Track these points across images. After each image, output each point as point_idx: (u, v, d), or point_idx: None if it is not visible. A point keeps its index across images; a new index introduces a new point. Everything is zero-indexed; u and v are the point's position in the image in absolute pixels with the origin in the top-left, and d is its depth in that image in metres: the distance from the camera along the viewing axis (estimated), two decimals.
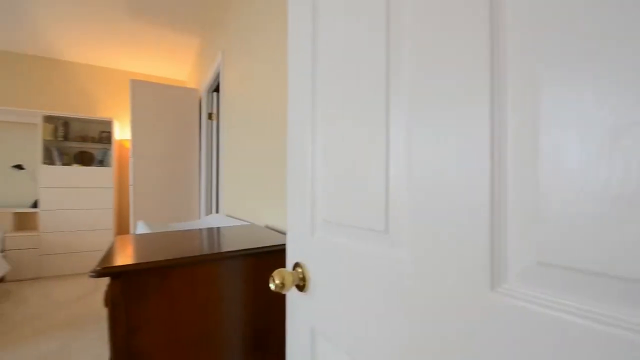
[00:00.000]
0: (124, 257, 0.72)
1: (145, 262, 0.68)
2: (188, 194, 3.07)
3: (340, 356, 0.51)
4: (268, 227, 1.35)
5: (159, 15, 2.73)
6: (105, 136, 3.69)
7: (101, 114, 3.83)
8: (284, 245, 0.94)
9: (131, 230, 2.87)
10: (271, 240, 0.98)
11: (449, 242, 0.31)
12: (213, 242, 0.95)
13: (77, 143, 3.57)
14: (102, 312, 2.41)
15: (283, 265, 0.94)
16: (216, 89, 2.92)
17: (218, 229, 1.22)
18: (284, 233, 1.17)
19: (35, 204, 3.38)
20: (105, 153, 3.67)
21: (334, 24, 0.52)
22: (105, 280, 3.15)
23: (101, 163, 3.66)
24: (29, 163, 3.50)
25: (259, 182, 1.54)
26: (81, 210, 3.41)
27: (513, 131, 0.27)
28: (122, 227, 3.95)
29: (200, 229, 1.20)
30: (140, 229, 1.57)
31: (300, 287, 0.59)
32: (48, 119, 3.37)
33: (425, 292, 0.34)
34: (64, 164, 3.43)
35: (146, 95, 2.88)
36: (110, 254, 0.76)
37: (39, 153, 3.28)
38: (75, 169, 3.40)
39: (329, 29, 0.53)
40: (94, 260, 3.48)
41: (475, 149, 0.29)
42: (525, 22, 0.26)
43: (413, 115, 0.36)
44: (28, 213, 3.48)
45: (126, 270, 0.66)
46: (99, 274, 0.62)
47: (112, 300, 0.64)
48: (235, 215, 1.97)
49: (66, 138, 3.50)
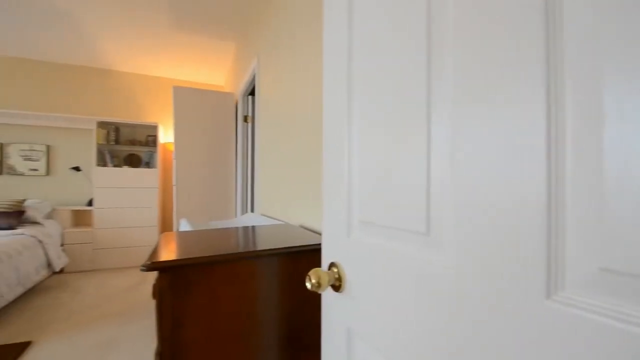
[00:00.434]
0: (171, 253, 0.77)
1: (190, 258, 0.72)
2: (225, 193, 3.20)
3: (377, 359, 0.51)
4: (302, 227, 1.37)
5: (198, 24, 2.88)
6: (151, 140, 3.97)
7: (147, 119, 4.12)
8: (319, 245, 0.94)
9: (174, 228, 3.05)
10: (306, 240, 0.99)
11: (499, 246, 0.30)
12: (251, 241, 0.98)
13: (127, 146, 3.88)
14: (148, 304, 2.59)
15: (317, 264, 0.95)
16: (251, 93, 3.01)
17: (254, 227, 1.26)
18: (318, 233, 1.18)
19: (90, 203, 3.71)
20: (151, 155, 3.94)
21: (370, 22, 0.51)
22: (151, 274, 3.38)
23: (147, 165, 3.94)
24: (85, 165, 3.86)
25: (293, 183, 1.56)
26: (130, 209, 3.68)
27: (572, 127, 0.25)
28: (166, 225, 4.21)
29: (237, 228, 1.24)
30: (184, 226, 1.66)
31: (336, 288, 0.59)
32: (101, 124, 3.69)
33: (468, 298, 0.33)
34: (115, 166, 3.73)
35: (187, 100, 3.05)
36: (158, 249, 0.82)
37: (93, 156, 3.61)
38: (125, 170, 3.68)
39: (365, 28, 0.53)
40: (141, 255, 3.74)
41: (529, 147, 0.27)
42: (584, 9, 0.24)
43: (457, 112, 0.34)
44: (84, 211, 3.83)
45: (173, 265, 0.70)
46: (149, 268, 0.67)
47: (160, 293, 0.69)
48: (270, 214, 2.02)
49: (117, 142, 3.81)
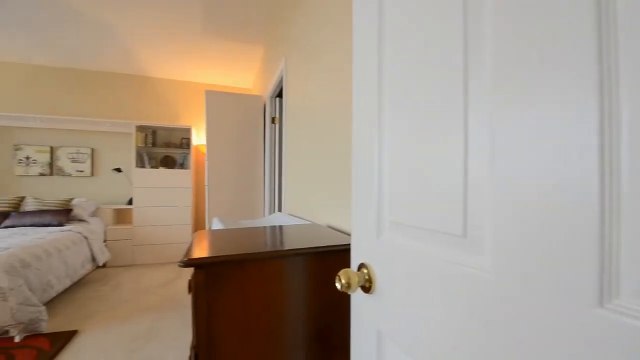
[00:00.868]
0: (205, 250, 0.80)
1: (223, 256, 0.75)
2: (253, 193, 3.28)
3: None
4: (329, 227, 1.37)
5: (228, 30, 2.98)
6: (185, 142, 4.17)
7: (181, 123, 4.33)
8: (347, 245, 0.94)
9: (206, 226, 3.17)
10: (333, 240, 0.99)
11: (545, 251, 0.28)
12: (280, 240, 1.00)
13: (163, 149, 4.09)
14: (182, 298, 2.71)
15: (346, 265, 0.94)
16: (279, 95, 3.06)
17: (283, 227, 1.28)
18: (345, 233, 1.18)
19: (130, 202, 3.96)
20: (185, 157, 4.13)
21: (402, 18, 0.51)
22: (184, 270, 3.54)
23: (182, 166, 4.14)
24: (125, 166, 4.12)
25: (321, 183, 1.57)
26: (165, 208, 3.88)
27: (628, 121, 0.23)
28: (198, 223, 4.39)
29: (267, 227, 1.27)
30: (216, 224, 1.73)
31: (366, 289, 0.59)
32: (140, 128, 3.92)
33: (509, 304, 0.32)
34: (152, 167, 3.96)
35: (218, 103, 3.16)
36: (193, 246, 0.86)
37: (132, 158, 3.85)
38: (161, 171, 3.89)
39: (397, 24, 0.52)
40: (175, 252, 3.93)
41: (580, 145, 0.26)
42: None
43: (497, 110, 0.33)
44: (124, 209, 4.09)
45: (207, 262, 0.73)
46: (185, 264, 0.70)
47: (196, 288, 0.72)
48: (297, 214, 2.05)
49: (154, 144, 4.03)
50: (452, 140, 0.39)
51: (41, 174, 3.82)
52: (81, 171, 3.96)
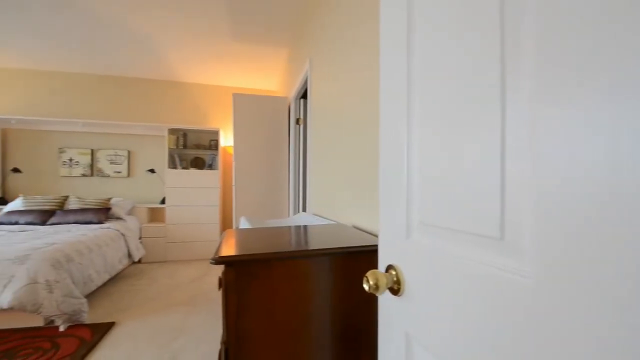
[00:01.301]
0: (235, 249, 0.83)
1: (253, 254, 0.77)
2: (278, 193, 3.33)
3: None
4: (355, 227, 1.36)
5: (254, 33, 3.05)
6: (213, 144, 4.32)
7: (210, 125, 4.48)
8: (373, 246, 0.93)
9: (233, 225, 3.26)
10: (359, 241, 0.99)
11: (598, 258, 0.26)
12: (307, 240, 1.01)
13: (193, 150, 4.27)
14: (212, 294, 2.80)
15: (373, 266, 0.93)
16: (303, 96, 3.09)
17: (309, 227, 1.29)
18: (371, 234, 1.17)
19: (163, 201, 4.15)
20: (214, 158, 4.27)
21: (432, 11, 0.49)
22: (213, 267, 3.66)
23: (210, 167, 4.29)
24: (158, 167, 4.33)
25: (346, 183, 1.57)
26: (195, 207, 4.04)
27: None
28: (226, 222, 4.53)
29: (293, 227, 1.29)
30: (243, 224, 1.77)
31: (395, 291, 0.58)
32: (172, 131, 4.11)
33: (551, 311, 0.30)
34: (183, 168, 4.13)
35: (245, 106, 3.24)
36: (223, 245, 0.88)
37: (165, 159, 4.04)
38: (191, 172, 4.05)
39: (427, 18, 0.51)
40: (205, 249, 4.08)
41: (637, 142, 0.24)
42: None
43: (540, 103, 0.31)
44: (158, 208, 4.30)
45: (237, 260, 0.75)
46: (217, 261, 0.73)
47: (226, 285, 0.75)
48: (322, 214, 2.05)
49: (185, 146, 4.21)
50: (488, 137, 0.38)
51: (83, 175, 4.11)
52: (119, 172, 4.21)
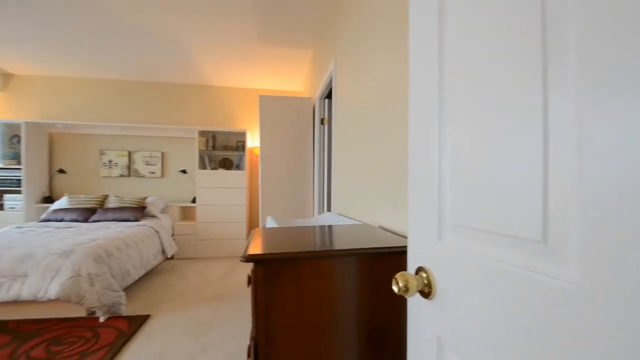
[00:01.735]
0: (264, 247, 0.84)
1: (281, 253, 0.78)
2: (303, 193, 3.36)
3: None
4: (381, 228, 1.34)
5: (280, 35, 3.09)
6: (240, 145, 4.44)
7: (237, 127, 4.61)
8: (401, 247, 0.92)
9: (259, 224, 3.33)
10: (386, 242, 0.97)
11: None
12: (333, 240, 1.01)
13: (221, 151, 4.41)
14: (240, 290, 2.88)
15: (401, 267, 0.92)
16: (328, 96, 3.09)
17: (335, 227, 1.29)
18: (399, 235, 1.15)
19: (194, 200, 4.32)
20: (241, 159, 4.39)
21: (465, 2, 0.47)
22: (240, 264, 3.76)
23: (237, 167, 4.41)
24: (189, 168, 4.51)
25: (372, 183, 1.55)
26: (223, 206, 4.17)
27: None
28: (252, 221, 4.64)
29: (319, 226, 1.29)
30: (270, 223, 1.80)
31: (425, 294, 0.57)
32: (202, 133, 4.27)
33: (598, 321, 0.28)
34: (212, 169, 4.28)
35: (271, 107, 3.30)
36: (251, 243, 0.90)
37: (195, 160, 4.21)
38: (220, 172, 4.19)
39: (460, 10, 0.49)
40: (232, 247, 4.20)
41: None
42: None
43: (588, 99, 0.29)
44: (189, 207, 4.48)
45: (266, 258, 0.77)
46: (247, 259, 0.75)
47: (255, 283, 0.77)
48: (346, 214, 2.04)
49: (214, 148, 4.36)
50: (529, 136, 0.36)
51: (121, 175, 4.37)
52: (153, 172, 4.44)
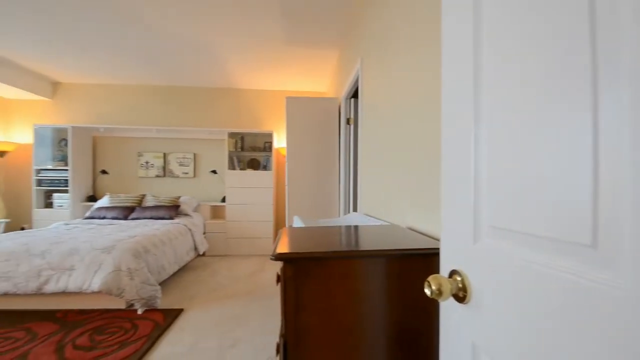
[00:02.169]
0: (293, 246, 0.86)
1: (310, 252, 0.79)
2: (329, 192, 3.37)
3: None
4: (410, 229, 1.32)
5: (307, 36, 3.12)
6: (267, 146, 4.54)
7: (264, 128, 4.71)
8: (432, 249, 0.89)
9: (286, 223, 3.38)
10: (416, 243, 0.95)
11: None
12: (362, 240, 1.00)
13: (249, 152, 4.53)
14: (267, 288, 2.94)
15: (432, 270, 0.89)
16: (354, 95, 3.08)
17: (363, 227, 1.28)
18: (429, 236, 1.12)
19: (223, 199, 4.47)
20: (268, 159, 4.48)
21: None
22: (267, 262, 3.84)
23: (264, 167, 4.50)
24: (219, 169, 4.67)
25: (400, 182, 1.52)
26: (251, 205, 4.28)
27: None
28: (279, 220, 4.72)
29: (347, 226, 1.29)
30: (297, 222, 1.82)
31: (460, 298, 0.55)
32: (231, 134, 4.40)
33: None
34: (241, 169, 4.40)
35: (297, 108, 3.34)
36: (280, 242, 0.92)
37: (225, 161, 4.35)
38: (248, 172, 4.31)
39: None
40: (260, 245, 4.29)
41: None
42: None
43: None
44: (219, 206, 4.64)
45: (296, 257, 0.78)
46: (276, 258, 0.76)
47: (285, 281, 0.78)
48: (373, 214, 2.02)
49: (242, 149, 4.49)
50: (579, 133, 0.33)
51: (157, 176, 4.61)
52: (186, 173, 4.64)
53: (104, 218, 3.84)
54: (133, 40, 3.24)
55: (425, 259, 0.89)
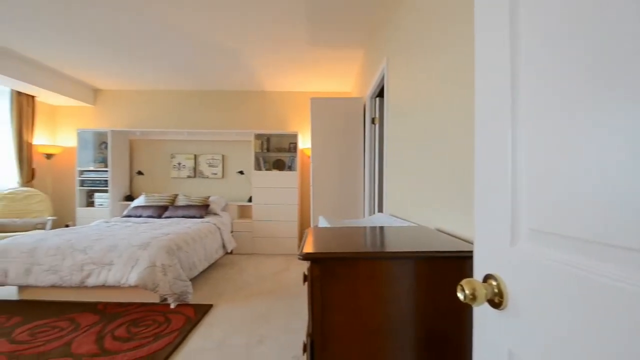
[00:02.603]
0: (319, 246, 0.86)
1: (337, 252, 0.79)
2: (354, 193, 3.35)
3: None
4: (439, 230, 1.28)
5: (331, 37, 3.12)
6: (292, 146, 4.59)
7: (289, 129, 4.78)
8: (463, 252, 0.86)
9: (311, 223, 3.40)
10: (446, 245, 0.92)
11: None
12: (388, 241, 0.99)
13: (274, 153, 4.61)
14: (292, 288, 2.97)
15: (462, 273, 0.86)
16: (379, 94, 3.04)
17: (389, 228, 1.26)
18: (459, 238, 1.08)
19: (250, 199, 4.57)
20: (292, 160, 4.53)
21: None
22: (292, 261, 3.88)
23: (289, 168, 4.56)
24: (246, 169, 4.79)
25: (428, 182, 1.48)
26: (276, 205, 4.35)
27: None
28: (303, 220, 4.75)
29: (374, 227, 1.27)
30: (322, 222, 1.83)
31: (496, 304, 0.52)
32: (257, 136, 4.50)
33: None
34: (267, 170, 4.49)
35: (322, 109, 3.35)
36: (307, 242, 0.93)
37: (251, 162, 4.45)
38: (273, 173, 4.38)
39: None
40: (285, 245, 4.35)
41: None
42: None
43: None
44: (246, 206, 4.75)
45: (323, 257, 0.78)
46: (304, 257, 0.77)
47: (312, 281, 0.78)
48: (400, 215, 1.98)
49: (268, 150, 4.57)
50: (636, 127, 0.31)
51: (188, 177, 4.81)
52: (215, 174, 4.81)
53: (140, 216, 4.05)
54: (167, 49, 3.40)
55: (456, 262, 0.86)
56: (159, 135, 4.77)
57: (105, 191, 4.47)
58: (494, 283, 0.52)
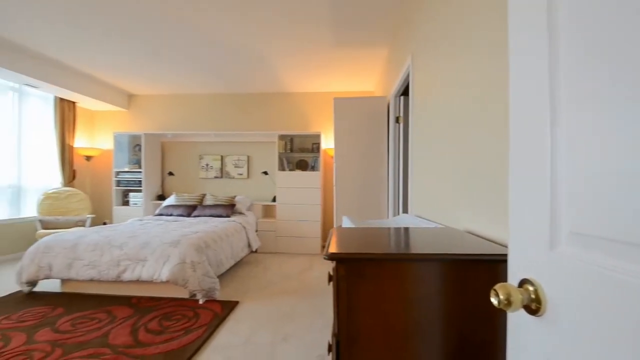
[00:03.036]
0: (345, 246, 0.86)
1: (364, 253, 0.78)
2: (378, 193, 3.30)
3: None
4: (468, 232, 1.23)
5: (355, 37, 3.10)
6: (315, 147, 4.61)
7: (312, 129, 4.80)
8: (496, 255, 0.83)
9: (334, 223, 3.40)
10: (477, 248, 0.89)
11: None
12: (415, 242, 0.97)
13: (298, 153, 4.66)
14: (316, 287, 2.99)
15: (495, 277, 0.83)
16: (403, 93, 2.98)
17: (416, 229, 1.24)
18: (491, 240, 1.04)
19: (274, 199, 4.65)
20: (316, 160, 4.56)
21: None
22: (315, 261, 3.89)
23: (312, 168, 4.59)
24: (270, 170, 4.87)
25: (457, 182, 1.44)
26: (300, 205, 4.39)
27: None
28: (326, 220, 4.76)
29: (399, 228, 1.25)
30: (346, 222, 1.82)
31: (533, 310, 0.50)
32: (281, 137, 4.56)
33: None
34: (290, 170, 4.54)
35: (345, 109, 3.34)
36: (332, 242, 0.93)
37: (275, 162, 4.52)
38: (297, 173, 4.43)
39: None
40: (308, 244, 4.38)
41: None
42: None
43: None
44: (270, 205, 4.83)
45: (349, 257, 0.78)
46: (330, 257, 0.77)
47: (338, 281, 0.78)
48: (426, 216, 1.94)
49: (291, 150, 4.63)
50: None
51: (215, 177, 4.97)
52: (241, 174, 4.93)
53: (171, 215, 4.24)
54: (197, 54, 3.54)
55: (488, 265, 0.82)
56: (188, 137, 4.96)
57: (139, 191, 4.71)
58: (531, 288, 0.50)
